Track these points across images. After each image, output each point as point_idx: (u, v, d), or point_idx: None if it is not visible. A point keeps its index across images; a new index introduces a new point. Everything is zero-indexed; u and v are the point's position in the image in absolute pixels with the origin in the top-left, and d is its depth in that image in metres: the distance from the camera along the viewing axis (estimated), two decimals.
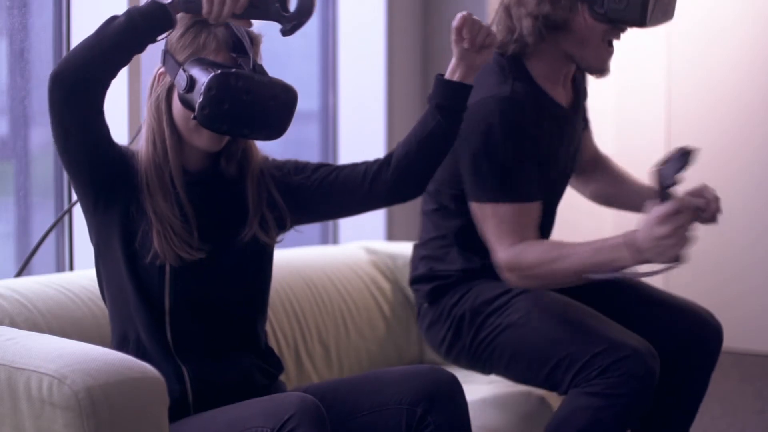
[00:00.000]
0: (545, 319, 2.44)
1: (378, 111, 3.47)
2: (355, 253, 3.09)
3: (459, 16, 2.09)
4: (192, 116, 1.99)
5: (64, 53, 2.71)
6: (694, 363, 2.60)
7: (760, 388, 3.43)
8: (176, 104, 2.06)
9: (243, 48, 2.04)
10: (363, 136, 3.27)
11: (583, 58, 2.48)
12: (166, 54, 2.06)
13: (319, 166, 2.22)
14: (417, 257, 2.66)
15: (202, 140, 2.07)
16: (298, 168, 2.22)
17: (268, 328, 2.66)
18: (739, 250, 3.41)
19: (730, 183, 3.43)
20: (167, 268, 2.05)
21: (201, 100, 1.95)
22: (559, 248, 2.36)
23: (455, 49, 2.12)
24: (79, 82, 1.95)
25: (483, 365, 2.57)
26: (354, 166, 2.20)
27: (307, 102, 3.75)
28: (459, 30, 2.09)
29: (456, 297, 2.56)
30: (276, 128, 2.04)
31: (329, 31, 3.68)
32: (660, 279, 3.11)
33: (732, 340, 3.33)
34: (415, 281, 2.65)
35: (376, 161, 2.19)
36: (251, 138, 2.06)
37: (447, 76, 2.14)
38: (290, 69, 3.75)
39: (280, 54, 3.75)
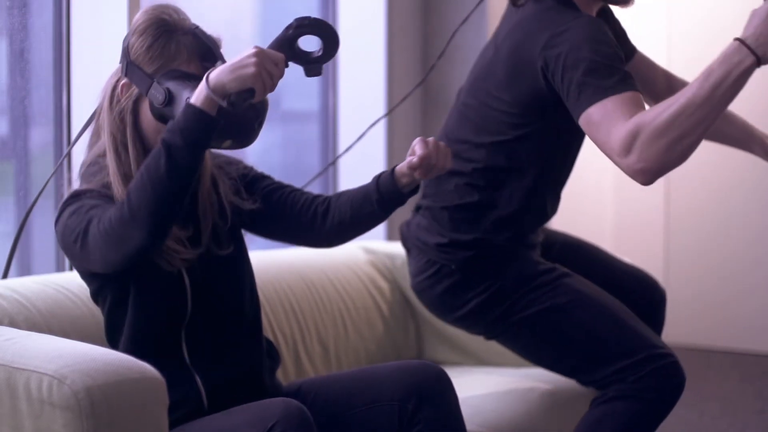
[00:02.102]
0: (593, 311, 2.44)
1: (378, 111, 3.46)
2: (353, 253, 3.09)
3: (422, 153, 2.03)
4: None
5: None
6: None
7: (760, 388, 3.43)
8: (145, 117, 2.02)
9: (212, 55, 2.03)
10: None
11: None
12: (130, 65, 2.01)
13: (263, 176, 2.22)
14: (446, 219, 2.54)
15: None
16: (245, 174, 2.21)
17: (267, 327, 2.68)
18: (739, 250, 3.41)
19: (729, 183, 3.43)
20: (186, 278, 2.05)
21: None
22: (674, 96, 2.21)
23: (407, 164, 2.07)
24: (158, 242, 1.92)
25: (500, 336, 2.54)
26: (300, 195, 2.20)
27: (307, 102, 3.74)
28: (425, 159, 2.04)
29: (495, 268, 2.50)
30: (252, 136, 2.03)
31: None
32: (660, 274, 3.11)
33: (732, 340, 3.33)
34: (450, 245, 2.52)
35: (315, 206, 2.18)
36: (231, 148, 2.05)
37: (398, 172, 2.09)
38: (290, 69, 3.75)
39: None
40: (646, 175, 2.20)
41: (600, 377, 2.42)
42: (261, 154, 3.40)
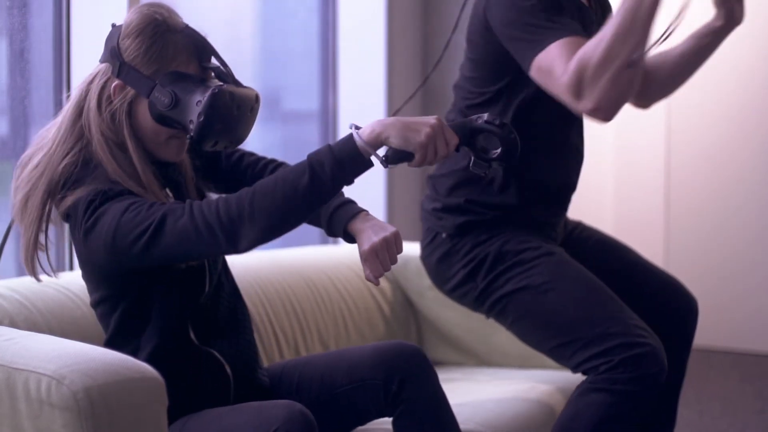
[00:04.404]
0: (569, 293, 2.38)
1: (378, 111, 3.47)
2: (355, 253, 3.08)
3: (375, 273, 2.08)
4: (187, 135, 1.97)
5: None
6: (676, 335, 2.60)
7: (760, 388, 3.43)
8: (143, 118, 2.00)
9: (208, 54, 2.02)
10: None
11: None
12: (125, 66, 1.98)
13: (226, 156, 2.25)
14: (444, 185, 2.56)
15: (170, 152, 2.04)
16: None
17: (268, 327, 2.68)
18: (739, 250, 3.41)
19: (729, 183, 3.43)
20: (206, 268, 2.06)
21: (202, 119, 1.93)
22: (602, 32, 2.24)
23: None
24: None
25: (488, 312, 2.52)
26: (260, 163, 2.24)
27: (307, 102, 3.75)
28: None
29: (483, 237, 2.49)
30: (246, 136, 2.05)
31: (329, 31, 3.69)
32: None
33: (732, 340, 3.32)
34: (443, 210, 2.54)
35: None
36: (230, 149, 2.05)
37: (349, 230, 2.13)
38: (290, 69, 3.75)
39: (280, 54, 3.75)
40: (603, 113, 2.25)
41: (576, 363, 2.36)
42: (261, 154, 3.40)
